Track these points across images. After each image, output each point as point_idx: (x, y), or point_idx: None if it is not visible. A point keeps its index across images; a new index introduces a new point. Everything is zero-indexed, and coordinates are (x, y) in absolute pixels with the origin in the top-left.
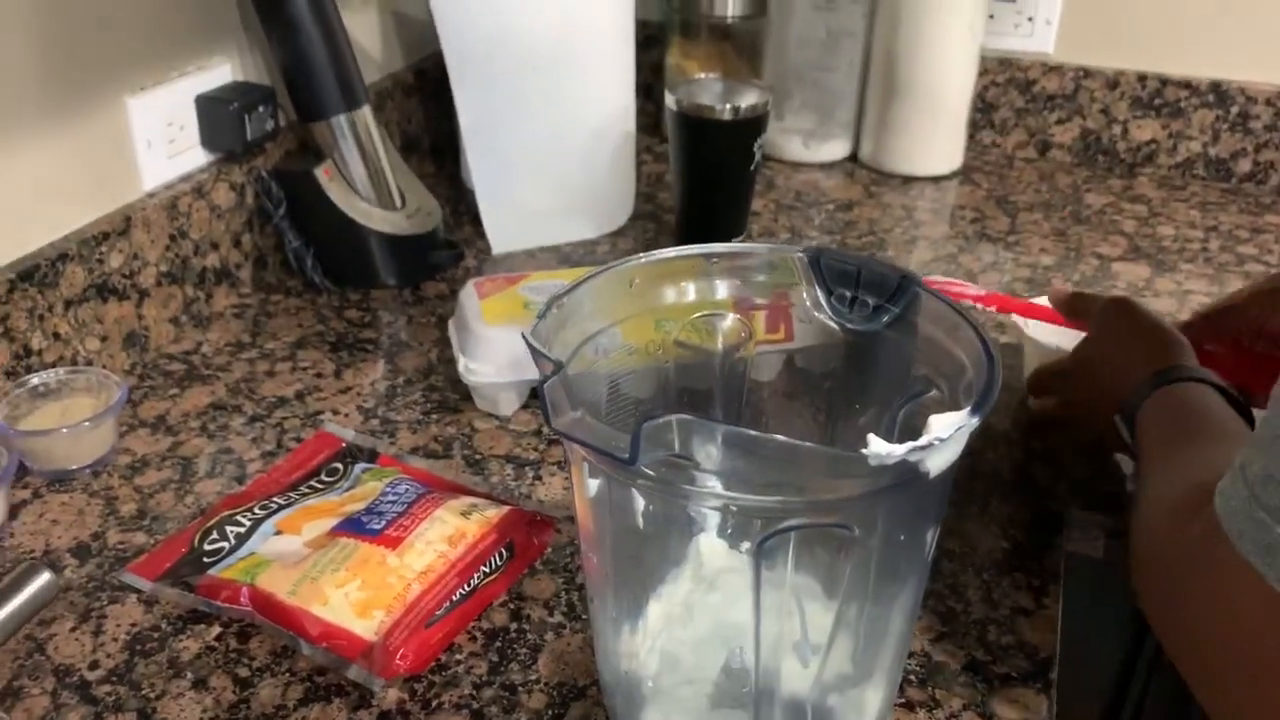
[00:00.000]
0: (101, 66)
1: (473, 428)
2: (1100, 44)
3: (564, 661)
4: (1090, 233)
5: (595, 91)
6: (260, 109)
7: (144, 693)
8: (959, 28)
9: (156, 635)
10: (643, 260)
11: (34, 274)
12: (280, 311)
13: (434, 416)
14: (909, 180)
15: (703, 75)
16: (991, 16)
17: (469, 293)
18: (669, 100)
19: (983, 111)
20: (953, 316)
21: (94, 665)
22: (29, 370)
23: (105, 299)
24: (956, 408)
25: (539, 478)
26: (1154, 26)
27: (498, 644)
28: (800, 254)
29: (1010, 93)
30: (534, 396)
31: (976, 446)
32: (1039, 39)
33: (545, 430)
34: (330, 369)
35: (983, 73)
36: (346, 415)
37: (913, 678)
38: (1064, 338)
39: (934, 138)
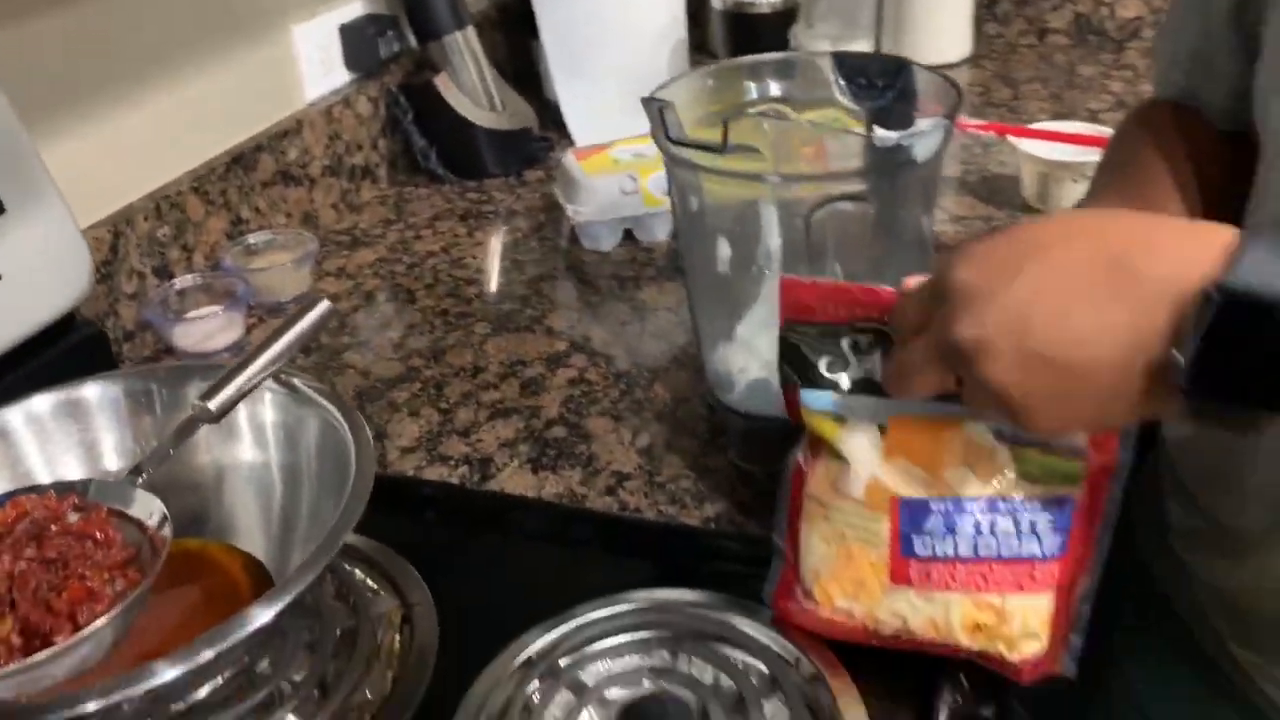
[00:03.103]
0: (274, 2)
1: (582, 260)
2: None
3: (671, 385)
4: (1082, 94)
5: (648, 5)
6: (388, 33)
7: None
8: None
9: (373, 393)
10: (714, 66)
11: (241, 159)
12: (414, 199)
13: (550, 256)
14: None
15: None
16: None
17: (569, 158)
18: (714, 1)
19: (987, 7)
20: (936, 79)
21: None
22: (241, 234)
23: (288, 184)
24: None
25: (639, 286)
26: None
27: (623, 381)
28: (826, 55)
29: None
30: (628, 236)
31: None
32: None
33: (638, 257)
34: (464, 231)
35: None
36: (480, 259)
37: None
38: (1056, 151)
39: (943, 30)
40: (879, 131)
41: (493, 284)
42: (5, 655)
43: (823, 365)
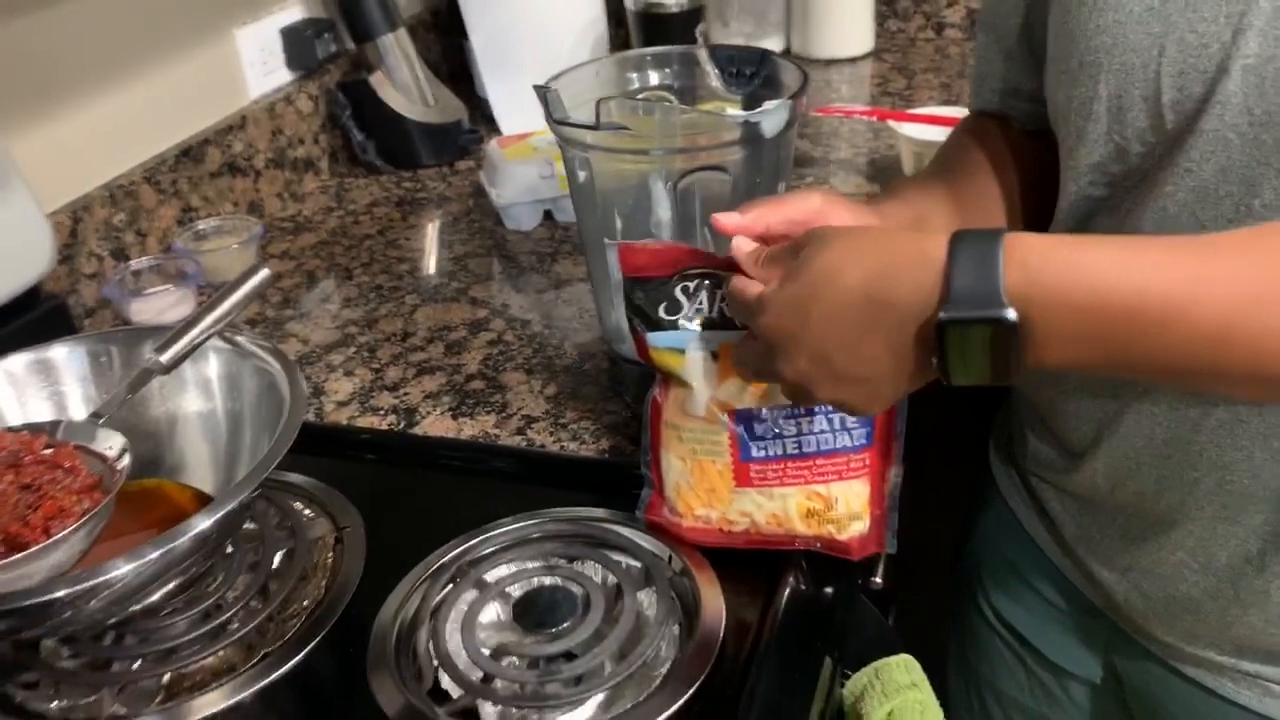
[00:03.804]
0: (216, 8)
1: (505, 240)
2: None
3: (579, 344)
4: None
5: (569, 8)
6: (325, 35)
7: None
8: None
9: (312, 356)
10: (603, 59)
11: (190, 152)
12: (354, 188)
13: (477, 237)
14: (831, 62)
15: None
16: None
17: (493, 146)
18: (628, 2)
19: (888, 4)
20: (791, 67)
21: None
22: (191, 220)
23: (234, 175)
24: None
25: (555, 261)
26: None
27: (536, 341)
28: (703, 48)
29: None
30: (547, 216)
31: None
32: None
33: (556, 235)
34: (399, 216)
35: None
36: (415, 241)
37: None
38: (930, 132)
39: (847, 27)
40: (730, 110)
41: (429, 263)
42: None
43: (661, 310)
